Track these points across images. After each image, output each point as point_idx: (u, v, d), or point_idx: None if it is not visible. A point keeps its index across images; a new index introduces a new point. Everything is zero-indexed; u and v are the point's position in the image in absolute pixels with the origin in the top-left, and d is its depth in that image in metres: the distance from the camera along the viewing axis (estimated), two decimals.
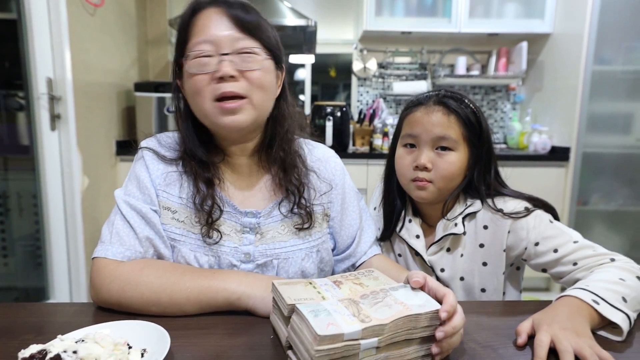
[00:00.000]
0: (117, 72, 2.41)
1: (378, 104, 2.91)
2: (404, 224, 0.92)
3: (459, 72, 2.84)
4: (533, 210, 0.82)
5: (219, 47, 0.68)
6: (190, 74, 0.69)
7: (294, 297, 0.53)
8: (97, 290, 0.67)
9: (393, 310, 0.50)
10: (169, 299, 0.64)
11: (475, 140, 0.85)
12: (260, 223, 0.76)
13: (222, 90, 0.68)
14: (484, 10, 2.63)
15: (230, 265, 0.74)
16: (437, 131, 0.83)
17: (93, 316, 0.66)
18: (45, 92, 1.84)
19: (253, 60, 0.70)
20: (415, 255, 0.91)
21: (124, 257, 0.69)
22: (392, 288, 0.56)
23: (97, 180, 2.14)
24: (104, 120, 2.25)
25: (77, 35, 1.94)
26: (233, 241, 0.74)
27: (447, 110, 0.84)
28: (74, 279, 1.99)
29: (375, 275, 0.63)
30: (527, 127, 2.73)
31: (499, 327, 0.64)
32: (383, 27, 2.64)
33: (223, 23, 0.69)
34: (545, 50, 2.68)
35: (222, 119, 0.69)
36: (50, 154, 1.90)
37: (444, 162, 0.83)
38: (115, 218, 0.72)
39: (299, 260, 0.77)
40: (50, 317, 0.66)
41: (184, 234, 0.73)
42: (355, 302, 0.52)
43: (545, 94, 2.68)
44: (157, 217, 0.72)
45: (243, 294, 0.65)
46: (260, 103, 0.72)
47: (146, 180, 0.74)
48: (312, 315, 0.48)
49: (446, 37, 2.84)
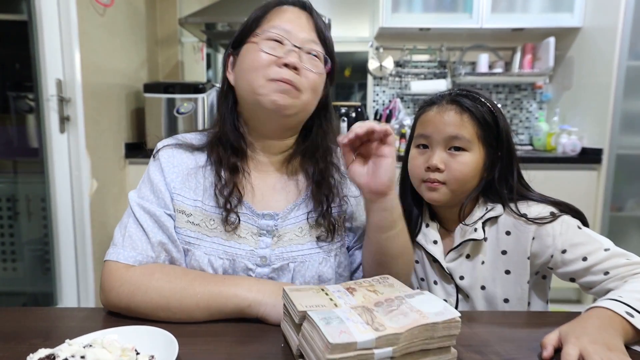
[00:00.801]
0: (127, 72, 2.46)
1: (395, 104, 2.91)
2: (420, 229, 0.92)
3: (480, 69, 2.82)
4: (559, 216, 0.80)
5: (294, 39, 0.74)
6: (257, 49, 0.74)
7: (305, 304, 0.54)
8: (106, 293, 0.68)
9: (409, 318, 0.50)
10: (178, 304, 0.65)
11: (492, 140, 0.85)
12: (278, 225, 0.77)
13: (282, 75, 0.72)
14: (507, 4, 2.61)
15: (245, 269, 0.75)
16: (449, 131, 0.83)
17: (101, 321, 0.68)
18: (55, 94, 1.89)
19: (317, 65, 0.77)
20: (433, 262, 0.91)
21: (136, 262, 0.70)
22: (407, 295, 0.56)
23: (105, 184, 2.19)
24: (112, 122, 2.30)
25: (86, 36, 2.00)
26: (249, 244, 0.76)
27: (460, 109, 0.84)
28: (81, 284, 2.04)
29: (391, 282, 0.63)
30: (555, 128, 2.68)
31: (523, 339, 0.63)
32: (400, 24, 2.64)
33: (305, 23, 0.77)
34: (575, 46, 2.64)
35: (273, 95, 0.72)
36: (59, 156, 1.95)
37: (457, 162, 0.83)
38: (128, 221, 0.74)
39: (316, 264, 0.78)
40: (58, 321, 0.68)
41: (198, 237, 0.75)
42: (369, 309, 0.53)
43: (575, 92, 2.64)
44: (171, 221, 0.74)
45: (254, 300, 0.65)
46: (307, 103, 0.76)
47: (160, 184, 0.76)
48: (323, 323, 0.48)
49: (467, 33, 2.82)
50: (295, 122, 0.78)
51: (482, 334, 0.65)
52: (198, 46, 3.14)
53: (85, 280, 2.04)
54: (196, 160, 0.79)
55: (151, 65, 2.79)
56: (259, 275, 0.75)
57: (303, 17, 0.77)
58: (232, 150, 0.78)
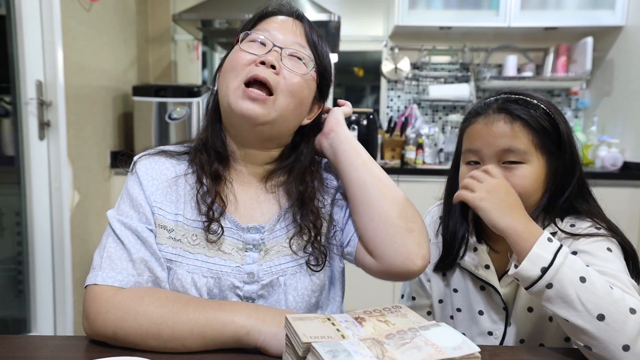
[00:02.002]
0: (114, 74, 2.52)
1: (411, 111, 2.93)
2: (465, 253, 0.93)
3: (508, 73, 2.85)
4: (603, 236, 0.81)
5: (277, 41, 0.79)
6: (238, 49, 0.79)
7: (309, 335, 0.55)
8: (91, 320, 0.70)
9: (423, 353, 0.52)
10: (170, 331, 0.67)
11: (552, 147, 0.85)
12: (265, 239, 0.80)
13: (255, 72, 0.75)
14: (539, 1, 2.65)
15: (232, 287, 0.77)
16: (500, 143, 0.83)
17: (85, 351, 0.69)
18: (35, 97, 1.94)
19: (299, 66, 0.80)
20: (480, 290, 0.92)
21: (118, 282, 0.72)
22: (422, 327, 0.58)
23: (88, 196, 2.23)
24: (97, 128, 2.35)
25: (70, 33, 2.05)
26: (235, 260, 0.78)
27: (510, 117, 0.84)
28: (59, 308, 2.06)
29: (404, 312, 0.65)
30: (592, 139, 2.70)
31: None
32: (418, 22, 2.68)
33: (293, 28, 0.82)
34: (616, 47, 2.66)
35: (240, 102, 0.75)
36: (38, 165, 1.99)
37: (515, 177, 0.83)
38: (107, 241, 0.77)
39: (308, 276, 0.81)
40: (38, 352, 0.70)
41: (180, 254, 0.77)
42: (379, 342, 0.54)
43: (616, 98, 2.65)
44: (152, 236, 0.77)
45: (253, 328, 0.67)
46: (283, 108, 0.78)
47: (140, 198, 0.79)
48: (329, 356, 0.50)
49: (493, 33, 2.86)
50: (271, 132, 0.80)
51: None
52: (193, 44, 3.20)
53: (62, 304, 2.06)
54: (176, 169, 0.83)
55: (141, 66, 2.85)
56: (247, 293, 0.78)
57: (295, 25, 0.82)
58: (216, 157, 0.82)
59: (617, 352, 0.63)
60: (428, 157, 2.73)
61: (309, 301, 0.81)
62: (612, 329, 0.64)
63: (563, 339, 0.88)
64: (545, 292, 0.68)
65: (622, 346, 0.63)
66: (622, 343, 0.63)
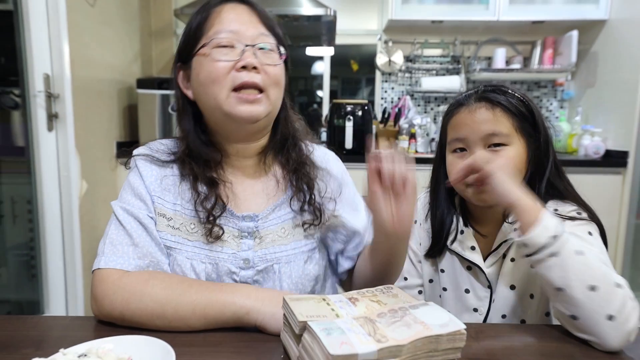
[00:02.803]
0: (119, 67, 2.50)
1: (404, 102, 2.93)
2: (456, 237, 0.95)
3: (497, 65, 2.84)
4: (584, 220, 0.83)
5: (244, 38, 0.77)
6: (211, 60, 0.76)
7: (305, 314, 0.56)
8: (99, 301, 0.71)
9: (412, 330, 0.53)
10: (174, 312, 0.68)
11: (531, 129, 0.88)
12: (259, 227, 0.81)
13: (243, 79, 0.75)
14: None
15: (228, 273, 0.78)
16: (484, 129, 0.86)
17: (94, 330, 0.70)
18: (42, 90, 1.93)
19: (272, 57, 0.79)
20: (467, 270, 0.94)
21: (118, 265, 0.73)
22: (411, 306, 0.59)
23: (95, 185, 2.23)
24: (103, 119, 2.34)
25: (76, 27, 2.04)
26: (231, 247, 0.79)
27: (490, 104, 0.87)
28: (70, 291, 2.07)
29: (395, 292, 0.66)
30: (576, 128, 2.70)
31: (532, 352, 0.66)
32: (411, 16, 2.67)
33: (249, 17, 0.79)
34: (600, 40, 2.65)
35: (239, 108, 0.75)
36: (47, 156, 1.99)
37: (502, 158, 0.85)
38: (110, 228, 0.78)
39: (302, 264, 0.82)
40: (49, 330, 0.71)
41: (179, 241, 0.79)
42: (371, 320, 0.55)
43: (599, 90, 2.65)
44: (153, 224, 0.78)
45: (252, 308, 0.68)
46: (275, 99, 0.80)
47: (141, 188, 0.80)
48: (324, 334, 0.51)
49: (483, 26, 2.84)
50: (267, 122, 0.82)
51: (490, 346, 0.67)
52: None
53: (73, 286, 2.07)
54: (173, 170, 0.83)
55: (144, 59, 2.83)
56: (243, 278, 0.79)
57: (245, 12, 0.80)
58: (205, 164, 0.81)
59: (601, 321, 0.65)
60: (420, 146, 2.74)
61: (302, 290, 0.82)
62: (601, 299, 0.65)
63: (543, 314, 0.90)
64: (547, 260, 0.69)
65: (607, 316, 0.65)
66: (608, 313, 0.65)
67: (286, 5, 2.50)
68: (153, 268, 0.76)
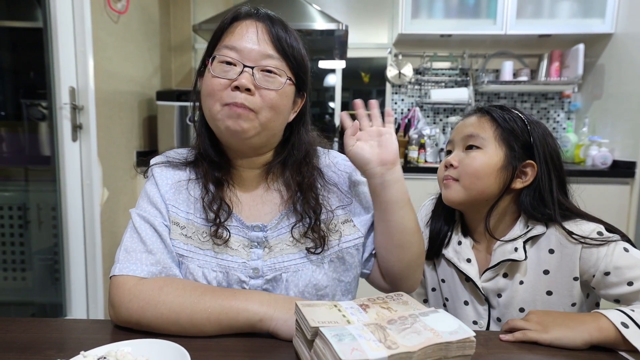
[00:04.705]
0: (139, 80, 2.54)
1: (414, 113, 2.92)
2: (450, 244, 0.93)
3: (504, 77, 2.82)
4: (614, 241, 0.79)
5: (246, 59, 0.75)
6: (211, 75, 0.76)
7: (317, 320, 0.56)
8: (116, 309, 0.71)
9: (422, 337, 0.52)
10: (188, 319, 0.68)
11: (514, 143, 0.86)
12: (268, 237, 0.80)
13: (234, 99, 0.74)
14: (534, 10, 2.61)
15: (238, 281, 0.77)
16: (467, 131, 0.89)
17: (112, 333, 0.71)
18: (68, 102, 1.97)
19: (273, 81, 0.76)
20: (465, 281, 0.91)
21: (130, 271, 0.73)
22: (421, 313, 0.58)
23: (116, 193, 2.25)
24: (124, 130, 2.37)
25: (100, 43, 2.08)
26: (241, 256, 0.79)
27: (481, 113, 0.91)
28: (91, 294, 2.09)
29: (405, 299, 0.65)
30: (584, 139, 2.66)
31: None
32: (420, 30, 2.66)
33: (258, 36, 0.76)
34: (606, 53, 2.62)
35: (227, 121, 0.75)
36: (71, 165, 2.02)
37: (469, 158, 0.87)
38: (125, 235, 0.78)
39: (309, 273, 0.80)
40: (71, 333, 0.72)
41: (191, 249, 0.78)
42: (382, 327, 0.54)
43: (606, 101, 2.62)
44: (167, 231, 0.79)
45: (265, 315, 0.68)
46: (267, 122, 0.77)
47: (156, 196, 0.81)
48: (335, 340, 0.50)
49: (490, 40, 2.83)
50: (260, 141, 0.79)
51: (500, 355, 0.65)
52: None
53: (94, 291, 2.09)
54: (187, 174, 0.84)
55: (164, 73, 2.87)
56: (252, 287, 0.78)
57: (258, 30, 0.76)
58: (215, 165, 0.82)
59: None
60: (430, 156, 2.72)
61: (310, 299, 0.80)
62: None
63: None
64: None
65: None
66: None
67: (300, 20, 2.52)
68: (165, 274, 0.76)
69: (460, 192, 0.87)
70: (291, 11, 2.56)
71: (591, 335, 0.67)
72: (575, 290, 0.82)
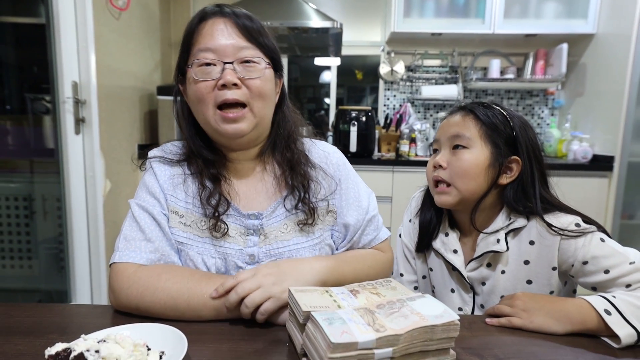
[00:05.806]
0: (141, 75, 2.52)
1: (405, 109, 2.92)
2: (438, 236, 0.94)
3: (492, 75, 2.82)
4: (590, 232, 0.79)
5: (223, 56, 0.74)
6: (194, 80, 0.75)
7: (309, 305, 0.56)
8: (116, 294, 0.71)
9: (409, 320, 0.52)
10: (186, 305, 0.68)
11: (500, 141, 0.86)
12: (263, 224, 0.80)
13: (224, 97, 0.73)
14: (520, 10, 2.61)
15: (236, 267, 0.78)
16: (452, 131, 0.88)
17: (113, 318, 0.71)
18: (71, 96, 1.95)
19: (255, 69, 0.76)
20: (452, 270, 0.92)
21: (130, 258, 0.73)
22: (409, 298, 0.58)
23: (118, 185, 2.24)
24: (126, 124, 2.35)
25: (102, 39, 2.05)
26: (238, 243, 0.79)
27: (465, 112, 0.89)
28: (94, 282, 2.09)
29: (393, 285, 0.65)
30: (566, 134, 2.67)
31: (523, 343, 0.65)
32: (412, 29, 2.65)
33: (227, 32, 0.75)
34: (588, 52, 2.63)
35: (224, 126, 0.75)
36: (74, 157, 2.00)
37: (457, 159, 0.86)
38: (124, 224, 0.78)
39: None
40: (73, 318, 0.71)
41: (190, 237, 0.78)
42: (371, 311, 0.55)
43: (587, 98, 2.63)
44: (165, 220, 0.78)
45: None
46: (260, 111, 0.77)
47: (155, 186, 0.80)
48: (326, 323, 0.50)
49: (479, 39, 2.83)
50: (257, 132, 0.80)
51: (483, 337, 0.66)
52: None
53: (98, 278, 2.08)
54: (182, 169, 0.83)
55: (165, 68, 2.85)
56: None
57: (225, 26, 0.75)
58: (210, 162, 0.81)
59: None
60: (420, 150, 2.72)
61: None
62: None
63: None
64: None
65: None
66: None
67: (296, 19, 2.50)
68: (164, 261, 0.75)
69: (456, 197, 0.86)
70: (288, 9, 2.54)
71: (574, 327, 0.68)
72: (553, 280, 0.83)
